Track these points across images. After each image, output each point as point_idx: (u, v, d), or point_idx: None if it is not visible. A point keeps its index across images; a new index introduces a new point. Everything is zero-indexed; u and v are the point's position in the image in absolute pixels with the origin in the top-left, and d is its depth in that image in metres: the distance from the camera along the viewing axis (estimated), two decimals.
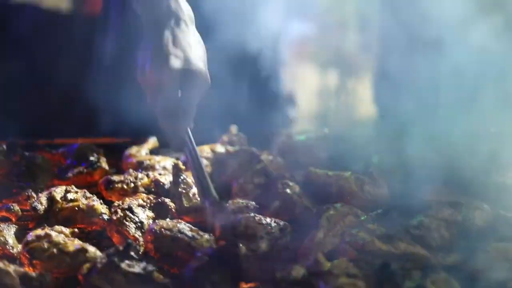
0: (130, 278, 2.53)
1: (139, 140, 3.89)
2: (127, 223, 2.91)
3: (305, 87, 6.93)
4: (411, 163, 3.29)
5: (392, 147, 3.44)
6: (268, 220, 2.84)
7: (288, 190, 3.14)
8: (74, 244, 2.75)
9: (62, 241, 2.76)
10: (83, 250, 2.73)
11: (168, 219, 2.87)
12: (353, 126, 4.01)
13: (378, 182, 3.20)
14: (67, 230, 2.86)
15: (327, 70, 7.60)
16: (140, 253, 2.68)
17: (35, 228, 2.97)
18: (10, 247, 2.88)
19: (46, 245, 2.75)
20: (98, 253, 2.71)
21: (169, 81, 2.88)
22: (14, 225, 3.00)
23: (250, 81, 4.30)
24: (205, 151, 3.59)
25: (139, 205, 3.01)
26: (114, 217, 2.94)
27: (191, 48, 2.94)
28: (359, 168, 3.32)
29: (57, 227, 2.85)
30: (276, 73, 4.76)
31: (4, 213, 3.16)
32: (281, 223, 2.86)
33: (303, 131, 3.89)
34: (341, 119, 5.78)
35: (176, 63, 2.90)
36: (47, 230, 2.83)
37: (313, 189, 3.22)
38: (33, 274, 2.59)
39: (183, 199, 3.04)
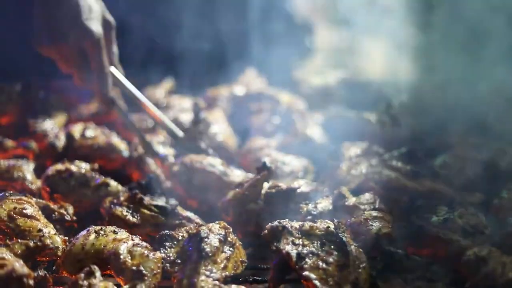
0: (153, 211, 2.51)
1: (155, 80, 3.83)
2: (147, 159, 2.88)
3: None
4: (432, 105, 3.26)
5: (413, 91, 3.41)
6: (289, 158, 2.82)
7: (308, 130, 3.11)
8: (96, 178, 2.73)
9: (82, 175, 2.74)
10: (105, 184, 2.71)
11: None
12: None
13: (399, 122, 3.17)
14: (87, 165, 2.83)
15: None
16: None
17: (52, 165, 2.95)
18: (29, 183, 2.85)
19: (66, 179, 2.73)
20: (120, 187, 2.68)
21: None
22: (32, 162, 2.98)
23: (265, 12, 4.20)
24: (223, 92, 3.53)
25: (159, 143, 2.97)
26: (135, 154, 2.91)
27: None
28: (379, 109, 3.28)
29: (77, 162, 2.82)
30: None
31: (21, 151, 3.13)
32: (303, 160, 2.83)
33: (321, 71, 3.83)
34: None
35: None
36: (67, 164, 2.80)
37: (333, 129, 3.18)
38: (55, 206, 2.58)
39: (203, 137, 3.00)
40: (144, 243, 2.24)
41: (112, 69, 2.87)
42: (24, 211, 2.45)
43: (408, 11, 3.66)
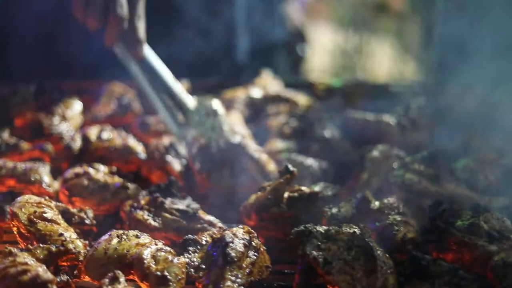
0: (175, 215, 2.49)
1: None
2: (170, 160, 2.85)
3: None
4: (451, 109, 3.24)
5: (431, 94, 3.39)
6: (310, 161, 2.80)
7: (326, 133, 3.09)
8: (115, 181, 2.71)
9: (101, 178, 2.72)
10: (124, 187, 2.68)
11: None
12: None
13: (418, 126, 3.15)
14: (105, 168, 2.80)
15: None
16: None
17: (69, 167, 2.93)
18: (47, 186, 2.82)
19: (85, 182, 2.70)
20: (140, 190, 2.66)
21: None
22: (48, 164, 2.95)
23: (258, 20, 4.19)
24: (239, 95, 3.51)
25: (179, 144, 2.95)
26: (156, 155, 2.88)
27: None
28: (398, 112, 3.26)
29: (95, 164, 2.80)
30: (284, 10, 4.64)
31: (37, 153, 3.10)
32: (324, 163, 2.81)
33: (337, 75, 3.81)
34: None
35: None
36: (85, 167, 2.78)
37: (352, 133, 3.16)
38: (74, 210, 2.55)
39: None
40: (168, 248, 2.23)
41: None
42: (44, 214, 2.44)
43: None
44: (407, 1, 6.49)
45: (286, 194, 2.48)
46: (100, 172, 2.75)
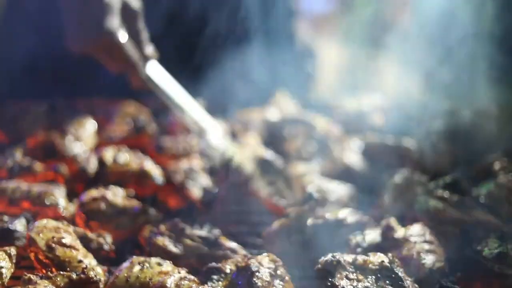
0: (196, 241, 2.44)
1: None
2: (189, 185, 2.81)
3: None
4: (470, 131, 3.21)
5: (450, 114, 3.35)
6: (333, 185, 2.76)
7: (346, 156, 3.05)
8: (133, 205, 2.66)
9: (119, 203, 2.67)
10: (143, 212, 2.63)
11: None
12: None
13: (439, 149, 3.11)
14: (123, 192, 2.75)
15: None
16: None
17: (84, 190, 2.88)
18: (62, 209, 2.77)
19: (103, 206, 2.65)
20: (159, 215, 2.61)
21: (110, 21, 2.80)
22: (63, 186, 2.90)
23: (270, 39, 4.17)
24: (255, 115, 3.47)
25: (198, 169, 2.91)
26: (174, 179, 2.83)
27: None
28: (418, 134, 3.22)
29: (113, 188, 2.75)
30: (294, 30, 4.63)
31: (51, 174, 3.05)
32: (347, 187, 2.77)
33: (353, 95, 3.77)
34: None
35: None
36: (103, 190, 2.73)
37: (371, 156, 3.13)
38: (93, 235, 2.50)
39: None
40: (192, 276, 2.18)
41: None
42: (63, 240, 2.38)
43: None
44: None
45: (310, 221, 2.43)
46: (118, 196, 2.69)
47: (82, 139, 3.31)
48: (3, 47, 3.93)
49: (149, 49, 3.02)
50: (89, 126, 3.44)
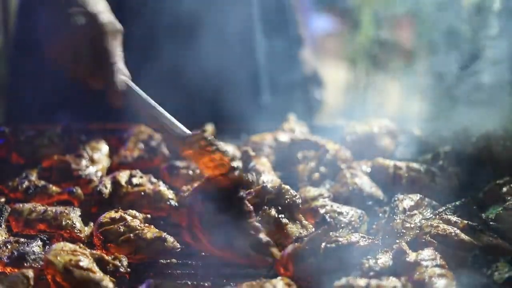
0: None
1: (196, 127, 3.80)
2: None
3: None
4: (479, 154, 3.25)
5: (458, 139, 3.39)
6: (346, 208, 2.80)
7: (357, 180, 3.09)
8: (152, 231, 2.69)
9: (139, 227, 2.70)
10: (162, 239, 2.66)
11: None
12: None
13: (448, 173, 3.15)
14: (140, 215, 2.79)
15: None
16: None
17: (99, 212, 2.92)
18: (78, 231, 2.82)
19: (122, 229, 2.69)
20: (176, 243, 2.64)
21: (80, 42, 2.81)
22: (78, 209, 2.95)
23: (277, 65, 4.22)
24: (267, 139, 3.51)
25: None
26: (187, 202, 2.86)
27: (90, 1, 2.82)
28: (427, 159, 3.26)
29: (131, 211, 2.79)
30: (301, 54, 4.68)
31: (66, 196, 3.10)
32: (358, 211, 2.81)
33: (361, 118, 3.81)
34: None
35: (80, 20, 2.81)
36: (122, 213, 2.77)
37: (381, 180, 3.16)
38: (109, 258, 2.54)
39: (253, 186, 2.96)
40: None
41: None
42: (80, 263, 2.43)
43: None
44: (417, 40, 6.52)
45: (323, 245, 2.47)
46: (136, 220, 2.72)
47: (96, 162, 3.35)
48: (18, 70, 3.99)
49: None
50: (103, 149, 3.48)
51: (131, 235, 2.65)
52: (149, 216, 2.80)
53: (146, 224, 2.73)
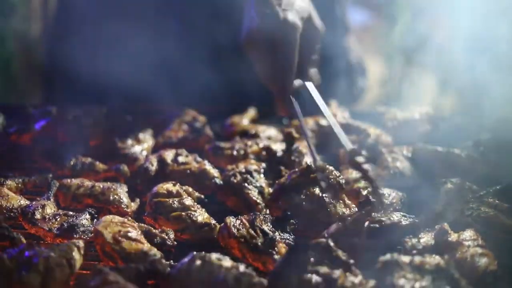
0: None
1: (239, 109, 3.87)
2: (248, 186, 2.90)
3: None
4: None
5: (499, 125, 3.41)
6: (387, 191, 2.84)
7: (398, 164, 3.13)
8: (203, 216, 2.74)
9: (192, 207, 2.76)
10: (211, 227, 2.71)
11: None
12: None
13: (488, 159, 3.17)
14: (195, 194, 2.86)
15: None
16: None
17: (144, 190, 2.99)
18: (125, 206, 2.90)
19: (176, 204, 2.75)
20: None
21: (286, 38, 2.69)
22: (125, 185, 3.02)
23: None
24: (309, 123, 3.55)
25: (255, 171, 2.99)
26: (234, 181, 2.92)
27: None
28: (467, 145, 3.28)
29: (188, 188, 2.85)
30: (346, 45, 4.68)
31: (113, 174, 3.18)
32: (400, 193, 2.85)
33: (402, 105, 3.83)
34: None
35: (290, 16, 2.70)
36: (179, 188, 2.83)
37: (422, 164, 3.20)
38: (156, 230, 2.61)
39: (296, 168, 3.00)
40: (253, 272, 2.26)
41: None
42: (129, 234, 2.51)
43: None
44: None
45: (366, 224, 2.52)
46: (189, 199, 2.78)
47: (141, 141, 3.42)
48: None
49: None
50: (148, 129, 3.56)
51: (183, 213, 2.71)
52: (202, 196, 2.86)
53: (199, 206, 2.79)
